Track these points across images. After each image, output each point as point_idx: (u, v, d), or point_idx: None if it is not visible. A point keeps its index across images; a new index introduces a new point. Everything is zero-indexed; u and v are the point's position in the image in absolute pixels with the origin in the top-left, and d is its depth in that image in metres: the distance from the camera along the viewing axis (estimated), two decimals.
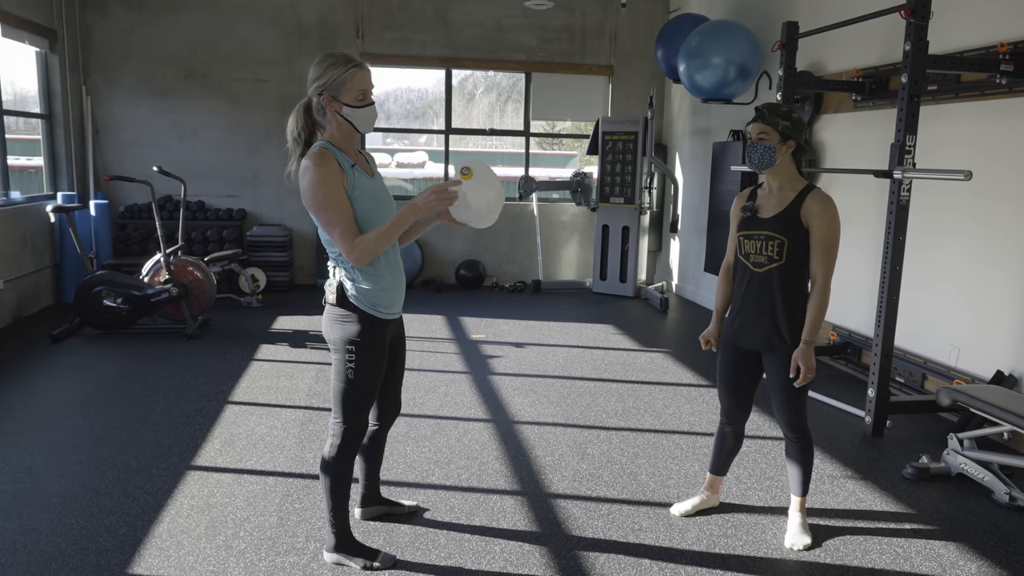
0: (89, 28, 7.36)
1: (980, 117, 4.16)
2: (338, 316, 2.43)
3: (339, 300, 2.42)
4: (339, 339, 2.44)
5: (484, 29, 8.02)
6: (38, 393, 4.33)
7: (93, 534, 2.77)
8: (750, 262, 2.76)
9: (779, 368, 2.73)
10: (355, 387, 2.45)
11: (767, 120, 2.68)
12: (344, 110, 2.36)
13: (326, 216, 2.31)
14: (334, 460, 2.50)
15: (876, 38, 4.97)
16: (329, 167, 2.32)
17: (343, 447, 2.50)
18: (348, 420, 2.48)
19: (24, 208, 6.23)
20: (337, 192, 2.32)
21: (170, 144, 7.63)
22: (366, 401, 2.50)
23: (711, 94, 6.40)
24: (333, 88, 2.34)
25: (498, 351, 5.49)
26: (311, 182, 2.30)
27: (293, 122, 2.40)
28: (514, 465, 3.50)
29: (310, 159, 2.32)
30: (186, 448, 3.58)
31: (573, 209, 8.44)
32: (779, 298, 2.70)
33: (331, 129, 2.40)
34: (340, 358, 2.44)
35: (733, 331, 2.84)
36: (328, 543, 2.61)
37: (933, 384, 4.41)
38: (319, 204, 2.31)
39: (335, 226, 2.31)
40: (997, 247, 4.05)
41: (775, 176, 2.73)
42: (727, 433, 2.99)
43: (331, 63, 2.35)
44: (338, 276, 2.43)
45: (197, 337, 5.64)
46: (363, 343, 2.42)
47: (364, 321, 2.42)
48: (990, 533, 2.97)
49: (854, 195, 5.25)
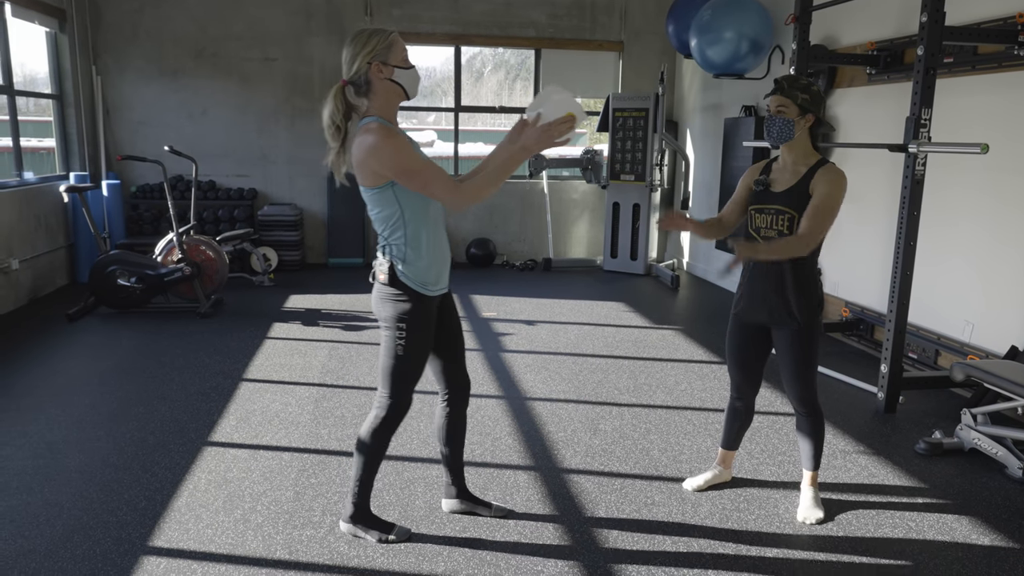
0: (98, 8, 7.34)
1: (997, 90, 4.10)
2: (389, 295, 2.45)
3: (390, 279, 2.44)
4: (389, 316, 2.46)
5: (493, 5, 7.95)
6: (56, 371, 4.38)
7: (114, 508, 2.82)
8: (760, 236, 2.74)
9: (788, 343, 2.73)
10: (404, 363, 2.48)
11: (786, 93, 2.65)
12: (396, 73, 2.36)
13: (419, 179, 2.31)
14: (374, 432, 2.53)
15: (891, 10, 4.90)
16: (400, 137, 2.35)
17: (386, 420, 2.53)
18: (395, 395, 2.52)
19: (37, 189, 6.27)
20: (416, 152, 2.35)
21: (180, 124, 7.64)
22: (414, 377, 2.53)
23: (723, 69, 6.33)
24: (381, 54, 2.34)
25: (509, 329, 5.51)
26: (391, 153, 2.29)
27: (332, 108, 2.37)
28: (527, 441, 3.52)
29: (373, 135, 2.30)
30: (202, 424, 3.62)
31: (583, 187, 8.41)
32: (789, 273, 2.68)
33: (376, 103, 2.38)
34: (390, 335, 2.47)
35: (743, 305, 2.83)
36: (345, 513, 2.64)
37: (946, 360, 4.40)
38: (407, 170, 2.30)
39: (431, 182, 2.31)
40: (1012, 222, 4.01)
41: (791, 150, 2.70)
42: (738, 408, 3.00)
43: (371, 32, 2.37)
44: (388, 256, 2.44)
45: (210, 316, 5.69)
46: (412, 320, 2.45)
47: (413, 299, 2.44)
48: (1003, 507, 2.97)
49: (867, 171, 5.21)
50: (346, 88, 2.38)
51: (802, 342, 2.71)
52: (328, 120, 2.38)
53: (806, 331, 2.70)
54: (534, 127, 2.32)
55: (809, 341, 2.71)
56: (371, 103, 2.38)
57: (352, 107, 2.40)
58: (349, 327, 5.46)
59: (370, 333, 5.31)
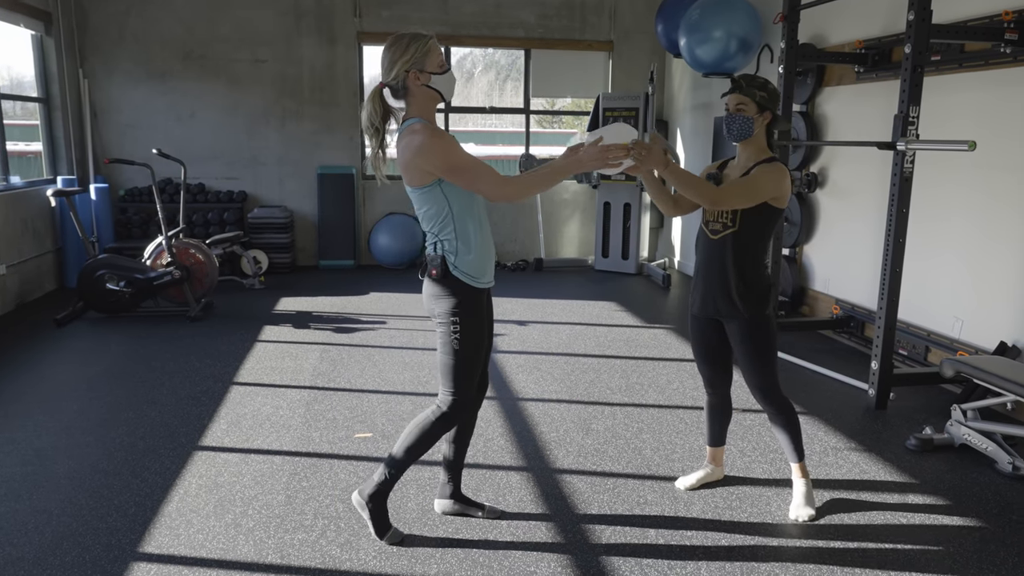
0: (84, 10, 7.30)
1: (984, 87, 4.12)
2: (442, 290, 2.47)
3: (443, 274, 2.45)
4: (445, 311, 2.47)
5: (482, 6, 7.95)
6: (44, 377, 4.35)
7: (103, 514, 2.79)
8: (708, 229, 2.79)
9: (740, 336, 2.76)
10: (463, 357, 2.49)
11: (744, 91, 2.69)
12: (433, 80, 2.41)
13: (469, 175, 2.36)
14: (431, 424, 2.54)
15: (879, 9, 4.92)
16: (445, 135, 2.41)
17: (446, 416, 2.54)
18: (458, 391, 2.52)
19: (24, 193, 6.22)
20: (462, 150, 2.39)
21: (169, 126, 7.60)
22: (474, 370, 2.54)
23: (712, 68, 6.35)
24: (418, 62, 2.39)
25: (501, 329, 5.50)
26: (441, 152, 2.34)
27: (370, 109, 2.44)
28: (519, 441, 3.52)
29: (421, 135, 2.35)
30: (193, 429, 3.60)
31: (574, 187, 8.42)
32: (732, 265, 2.71)
33: (416, 106, 2.44)
34: (446, 330, 2.49)
35: (694, 299, 2.87)
36: (365, 490, 2.61)
37: (936, 356, 4.41)
38: (455, 167, 2.35)
39: (480, 177, 2.37)
40: (1000, 219, 4.03)
41: (746, 148, 2.75)
42: (714, 403, 3.02)
43: (410, 39, 2.40)
44: (439, 251, 2.46)
45: (200, 319, 5.66)
46: (466, 313, 2.47)
47: (466, 292, 2.47)
48: (993, 502, 2.99)
49: (856, 168, 5.23)
50: (384, 91, 2.43)
51: (751, 333, 2.73)
52: (367, 122, 2.46)
53: (754, 322, 2.73)
54: (593, 145, 2.40)
55: (758, 331, 2.73)
56: (409, 106, 2.44)
57: (390, 110, 2.46)
58: (340, 329, 5.45)
59: (361, 335, 5.30)
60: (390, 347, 5.01)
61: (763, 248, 2.75)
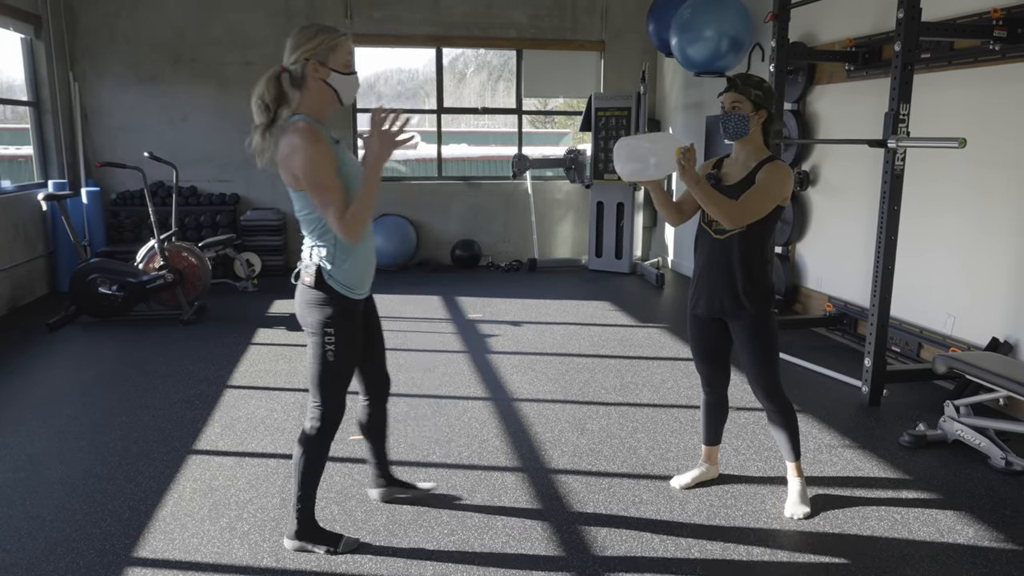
0: (74, 13, 7.26)
1: (973, 84, 4.14)
2: (315, 299, 2.39)
3: (316, 282, 2.38)
4: (316, 321, 2.40)
5: (474, 6, 7.94)
6: (36, 382, 4.33)
7: (97, 519, 2.78)
8: (712, 229, 2.77)
9: (744, 333, 2.76)
10: (334, 368, 2.43)
11: (740, 89, 2.70)
12: (332, 76, 2.33)
13: (324, 196, 2.25)
14: (311, 441, 2.48)
15: (869, 7, 4.93)
16: (322, 144, 2.27)
17: (322, 430, 2.48)
18: (327, 401, 2.47)
19: (15, 197, 6.19)
20: (332, 171, 2.27)
21: (160, 129, 7.57)
22: (344, 382, 2.49)
23: (703, 67, 6.36)
24: (321, 54, 2.30)
25: (495, 330, 5.50)
26: (307, 161, 2.23)
27: (263, 88, 2.29)
28: (514, 442, 3.52)
29: (299, 136, 2.25)
30: (187, 432, 3.59)
31: (567, 187, 8.42)
32: (739, 265, 2.71)
33: (309, 100, 2.33)
34: (318, 340, 2.41)
35: (696, 299, 2.86)
36: (290, 530, 2.58)
37: (929, 352, 4.43)
38: (316, 184, 2.25)
39: (330, 205, 2.25)
40: (992, 215, 4.05)
41: (743, 146, 2.75)
42: (711, 402, 3.02)
43: (319, 29, 2.33)
44: (315, 258, 2.38)
45: (194, 323, 5.64)
46: (340, 324, 2.40)
47: (341, 302, 2.40)
48: (986, 498, 3.00)
49: (848, 166, 5.25)
50: (282, 75, 2.32)
51: (758, 331, 2.74)
52: (257, 99, 2.30)
53: (760, 319, 2.73)
54: (375, 133, 2.28)
55: (765, 329, 2.74)
56: (303, 99, 2.32)
57: (285, 94, 2.32)
58: None
59: None
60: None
61: (768, 246, 2.75)
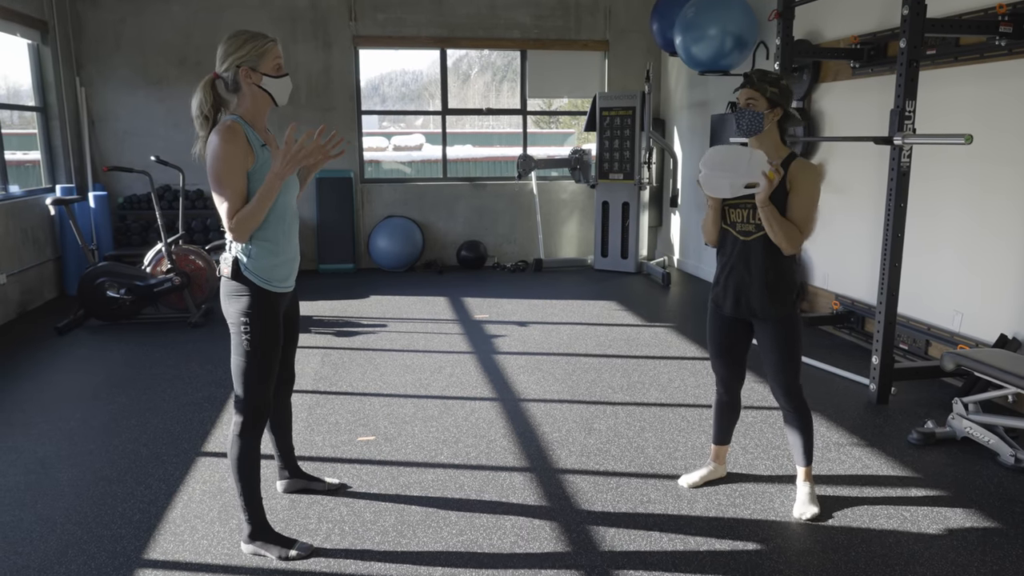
0: (80, 18, 7.31)
1: (979, 80, 4.13)
2: (233, 290, 2.45)
3: (234, 274, 2.43)
4: (234, 313, 2.45)
5: (478, 7, 7.95)
6: (46, 385, 4.35)
7: (108, 521, 2.80)
8: (736, 231, 2.76)
9: (771, 336, 2.75)
10: (253, 361, 2.45)
11: (755, 86, 2.68)
12: (264, 80, 2.39)
13: (220, 192, 2.34)
14: (239, 439, 2.49)
15: (874, 4, 4.92)
16: (236, 144, 2.33)
17: (247, 424, 2.48)
18: (249, 395, 2.48)
19: (23, 202, 6.22)
20: (237, 171, 2.34)
21: (166, 133, 7.60)
22: (266, 375, 2.49)
23: (708, 66, 6.35)
24: (251, 60, 2.37)
25: (502, 330, 5.51)
26: (215, 155, 2.32)
27: (200, 98, 2.39)
28: (522, 442, 3.52)
29: (218, 133, 2.33)
30: (196, 435, 3.61)
31: (572, 187, 8.42)
32: (766, 266, 2.70)
33: (244, 104, 2.41)
34: (237, 331, 2.46)
35: (721, 299, 2.85)
36: (244, 532, 2.58)
37: (937, 350, 4.42)
38: (216, 178, 2.33)
39: (224, 202, 2.34)
40: (999, 211, 4.04)
41: (760, 144, 2.73)
42: (725, 401, 3.01)
43: (247, 37, 2.39)
44: (234, 250, 2.44)
45: (201, 325, 5.66)
46: (257, 316, 2.44)
47: (258, 295, 2.44)
48: (996, 495, 2.99)
49: (854, 163, 5.23)
50: (216, 82, 2.40)
51: (786, 332, 2.73)
52: (196, 110, 2.40)
53: (786, 321, 2.72)
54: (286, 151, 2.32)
55: (793, 330, 2.74)
56: (239, 102, 2.42)
57: (222, 100, 2.42)
58: (341, 333, 5.45)
59: (362, 338, 5.30)
60: (391, 350, 5.02)
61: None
